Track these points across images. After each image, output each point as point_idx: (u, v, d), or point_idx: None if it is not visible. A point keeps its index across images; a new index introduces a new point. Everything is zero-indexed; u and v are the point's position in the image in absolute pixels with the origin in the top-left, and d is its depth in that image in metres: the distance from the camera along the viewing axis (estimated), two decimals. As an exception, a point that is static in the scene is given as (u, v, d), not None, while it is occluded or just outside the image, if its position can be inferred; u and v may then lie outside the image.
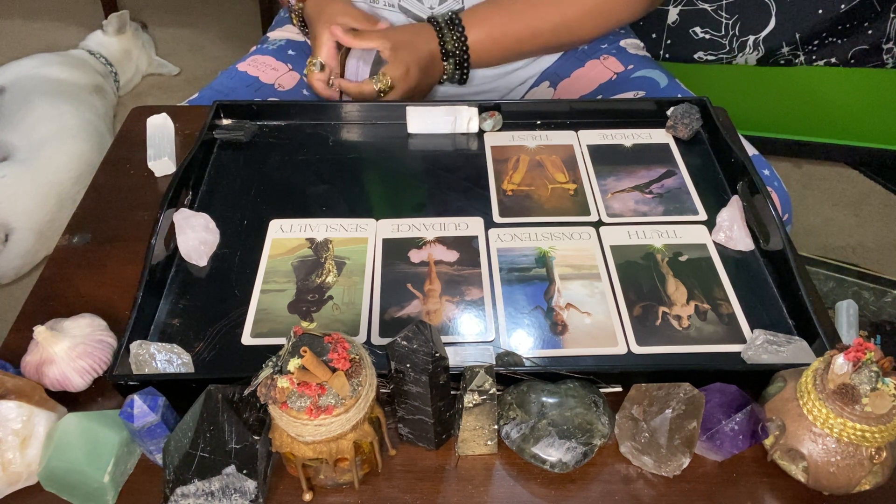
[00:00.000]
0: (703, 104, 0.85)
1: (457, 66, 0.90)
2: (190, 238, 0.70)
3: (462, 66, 0.90)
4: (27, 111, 1.62)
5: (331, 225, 0.74)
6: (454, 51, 0.88)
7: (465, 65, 0.90)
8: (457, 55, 0.89)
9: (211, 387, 0.50)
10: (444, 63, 0.90)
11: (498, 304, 0.66)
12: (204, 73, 2.18)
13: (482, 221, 0.74)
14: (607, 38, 1.05)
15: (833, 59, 1.59)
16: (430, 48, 0.88)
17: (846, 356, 0.49)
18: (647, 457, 0.53)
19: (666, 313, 0.65)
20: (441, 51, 0.88)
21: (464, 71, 0.91)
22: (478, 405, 0.52)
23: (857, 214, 1.70)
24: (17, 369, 0.59)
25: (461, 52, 0.88)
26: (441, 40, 0.88)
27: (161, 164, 0.81)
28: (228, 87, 0.99)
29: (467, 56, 0.89)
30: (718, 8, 1.55)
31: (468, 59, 0.89)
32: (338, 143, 0.85)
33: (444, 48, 0.88)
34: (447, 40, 0.88)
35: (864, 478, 0.51)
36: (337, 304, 0.66)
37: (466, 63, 0.90)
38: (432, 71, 0.90)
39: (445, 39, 0.88)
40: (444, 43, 0.88)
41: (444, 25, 0.88)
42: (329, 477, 0.52)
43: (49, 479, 0.52)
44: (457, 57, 0.89)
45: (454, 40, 0.88)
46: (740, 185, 0.76)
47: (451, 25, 0.88)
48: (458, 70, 0.91)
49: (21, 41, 2.28)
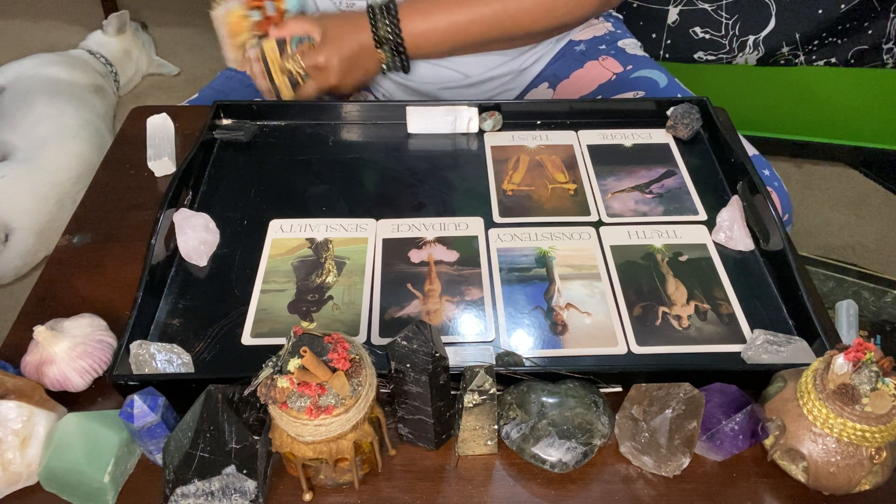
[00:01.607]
0: (703, 104, 0.85)
1: (394, 54, 0.89)
2: (190, 238, 0.70)
3: (399, 53, 0.89)
4: (27, 111, 1.62)
5: (331, 225, 0.74)
6: (387, 37, 0.88)
7: (401, 51, 0.89)
8: (390, 41, 0.88)
9: (211, 387, 0.50)
10: (379, 51, 0.89)
11: (498, 304, 0.66)
12: (204, 73, 2.18)
13: (482, 221, 0.74)
14: (605, 38, 1.04)
15: (833, 59, 1.59)
16: (359, 39, 0.88)
17: (846, 356, 0.49)
18: (647, 457, 0.53)
19: (666, 313, 0.65)
20: (374, 38, 0.88)
21: (402, 58, 0.90)
22: (478, 405, 0.52)
23: (857, 214, 1.70)
24: (17, 369, 0.59)
25: (394, 38, 0.88)
26: (374, 27, 0.87)
27: (161, 164, 0.81)
28: (228, 87, 0.99)
29: (401, 41, 0.88)
30: (718, 8, 1.55)
31: (402, 44, 0.88)
32: (338, 143, 0.85)
33: (376, 35, 0.87)
34: (379, 27, 0.87)
35: (864, 478, 0.51)
36: (337, 304, 0.66)
37: (402, 48, 0.89)
38: (363, 63, 0.89)
39: (378, 26, 0.87)
40: (377, 30, 0.87)
41: (378, 12, 0.88)
42: (329, 477, 0.52)
43: (49, 479, 0.52)
44: (391, 43, 0.88)
45: (386, 26, 0.87)
46: (740, 185, 0.76)
47: (384, 12, 0.87)
48: (397, 57, 0.90)
49: (21, 41, 2.28)
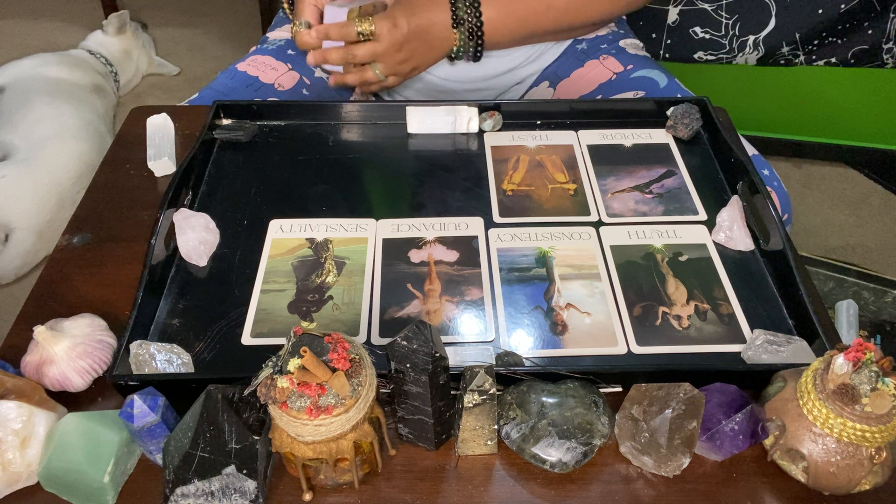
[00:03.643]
0: (703, 104, 0.85)
1: (470, 37, 0.87)
2: (190, 238, 0.70)
3: (475, 37, 0.87)
4: (27, 111, 1.62)
5: (331, 225, 0.74)
6: (466, 18, 0.85)
7: (478, 35, 0.87)
8: (469, 23, 0.86)
9: (211, 387, 0.50)
10: (455, 32, 0.87)
11: (498, 304, 0.66)
12: (204, 73, 2.18)
13: (482, 221, 0.74)
14: (607, 38, 1.05)
15: (833, 58, 1.59)
16: (435, 16, 0.86)
17: (846, 356, 0.49)
18: (647, 457, 0.53)
19: (666, 313, 0.65)
20: (452, 17, 0.86)
21: (477, 43, 0.88)
22: (478, 405, 0.52)
23: (857, 214, 1.70)
24: (17, 369, 0.59)
25: (474, 21, 0.85)
26: (453, 5, 0.86)
27: (161, 164, 0.81)
28: (228, 87, 0.99)
29: (480, 24, 0.86)
30: (718, 8, 1.55)
31: (481, 28, 0.86)
32: (338, 143, 0.85)
33: (455, 14, 0.85)
34: (459, 6, 0.85)
35: (864, 478, 0.51)
36: (337, 304, 0.66)
37: (480, 33, 0.87)
38: (434, 40, 0.87)
39: (458, 6, 0.85)
40: (457, 10, 0.85)
41: None
42: (329, 477, 0.52)
43: (49, 479, 0.52)
44: (469, 25, 0.86)
45: (467, 7, 0.85)
46: (740, 185, 0.76)
47: None
48: (472, 41, 0.88)
49: (21, 41, 2.28)
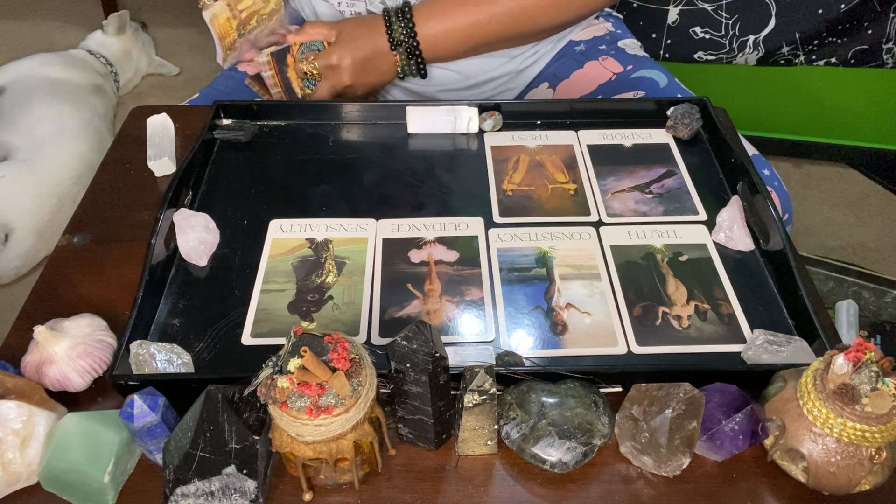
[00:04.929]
0: (703, 104, 0.85)
1: (409, 56, 0.89)
2: (190, 238, 0.70)
3: (415, 56, 0.89)
4: (27, 111, 1.62)
5: (331, 225, 0.74)
6: (403, 39, 0.88)
7: (417, 54, 0.89)
8: (406, 43, 0.88)
9: (211, 387, 0.50)
10: (395, 54, 0.89)
11: (498, 304, 0.66)
12: (204, 73, 2.18)
13: (482, 221, 0.74)
14: (605, 38, 1.04)
15: (833, 59, 1.59)
16: (374, 43, 0.88)
17: (846, 356, 0.49)
18: (647, 457, 0.53)
19: (666, 313, 0.65)
20: (389, 40, 0.88)
21: (418, 61, 0.90)
22: (478, 405, 0.52)
23: (857, 214, 1.70)
24: (17, 369, 0.59)
25: (410, 41, 0.88)
26: (389, 30, 0.88)
27: (161, 164, 0.81)
28: (228, 86, 0.99)
29: (417, 44, 0.88)
30: (718, 8, 1.55)
31: (418, 47, 0.89)
32: (338, 143, 0.85)
33: (391, 37, 0.88)
34: (395, 29, 0.87)
35: (864, 478, 0.51)
36: (337, 304, 0.66)
37: (418, 51, 0.89)
38: (377, 65, 0.89)
39: (393, 28, 0.87)
40: (392, 32, 0.88)
41: (393, 15, 0.88)
42: (329, 477, 0.52)
43: (49, 479, 0.52)
44: (406, 45, 0.88)
45: (401, 29, 0.87)
46: (740, 185, 0.76)
47: (399, 15, 0.88)
48: (413, 60, 0.90)
49: (21, 41, 2.28)
